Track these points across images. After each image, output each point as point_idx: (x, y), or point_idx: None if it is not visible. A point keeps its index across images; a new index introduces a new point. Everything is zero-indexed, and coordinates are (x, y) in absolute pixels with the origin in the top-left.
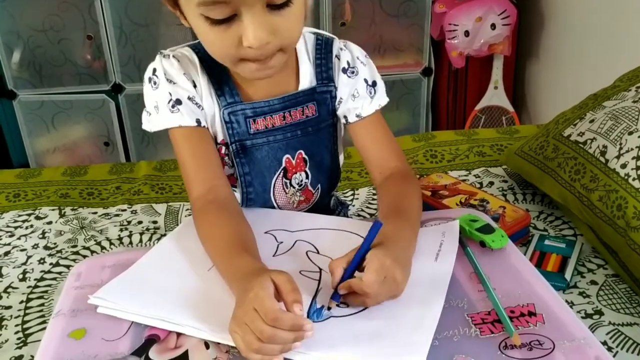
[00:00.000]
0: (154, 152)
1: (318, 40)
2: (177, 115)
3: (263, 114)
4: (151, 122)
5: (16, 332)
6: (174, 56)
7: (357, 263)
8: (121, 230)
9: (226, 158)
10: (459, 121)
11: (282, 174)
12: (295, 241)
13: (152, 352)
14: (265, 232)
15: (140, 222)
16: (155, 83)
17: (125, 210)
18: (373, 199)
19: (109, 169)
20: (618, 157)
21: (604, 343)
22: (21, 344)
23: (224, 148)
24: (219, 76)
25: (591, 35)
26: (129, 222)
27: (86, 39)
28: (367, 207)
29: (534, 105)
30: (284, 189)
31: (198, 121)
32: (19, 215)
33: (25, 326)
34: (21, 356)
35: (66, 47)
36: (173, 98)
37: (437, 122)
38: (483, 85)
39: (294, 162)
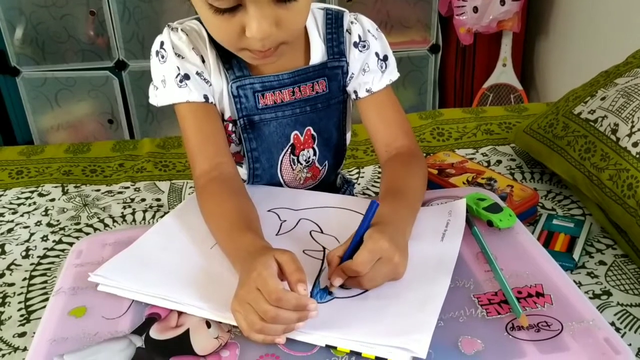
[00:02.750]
0: (158, 129)
1: (328, 15)
2: (184, 90)
3: (272, 89)
4: (158, 97)
5: (19, 309)
6: (182, 30)
7: (354, 247)
8: (124, 207)
9: (233, 135)
10: (466, 99)
11: (289, 150)
12: (299, 220)
13: (153, 331)
14: (269, 211)
15: (143, 200)
16: (162, 57)
17: (128, 187)
18: (379, 177)
19: (112, 146)
20: (630, 135)
21: (612, 324)
22: (24, 321)
23: (230, 125)
24: (228, 50)
25: (602, 10)
26: (132, 200)
27: (89, 14)
28: (373, 186)
29: (542, 83)
30: (291, 165)
31: (206, 97)
32: (22, 193)
33: (28, 303)
34: (24, 333)
35: (69, 23)
36: (181, 72)
37: (444, 100)
38: (491, 63)
39: (302, 138)
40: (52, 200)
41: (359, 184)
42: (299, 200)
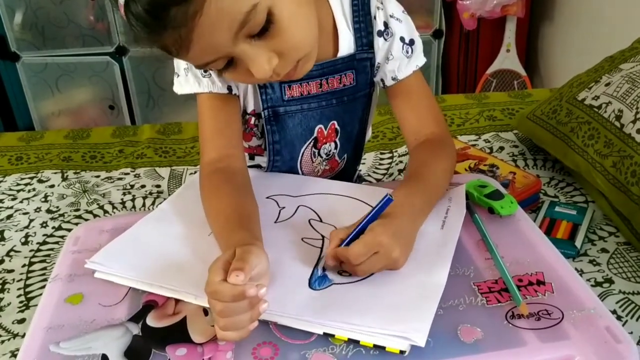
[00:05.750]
0: (159, 115)
1: (354, 0)
2: (207, 80)
3: (299, 80)
4: (182, 85)
5: (18, 296)
6: None
7: (356, 235)
8: (124, 194)
9: (255, 129)
10: (469, 85)
11: (312, 143)
12: (298, 207)
13: (150, 318)
14: (267, 197)
15: (143, 186)
16: None
17: (128, 173)
18: (380, 164)
19: (112, 132)
20: (634, 121)
21: (614, 312)
22: (23, 307)
23: (253, 118)
24: None
25: None
26: (132, 186)
27: None
28: (374, 172)
29: (546, 69)
30: (311, 158)
31: (229, 88)
32: (22, 179)
33: (27, 289)
34: (23, 319)
35: (69, 8)
36: None
37: (447, 86)
38: (495, 48)
39: (325, 132)
40: (52, 186)
41: (360, 170)
42: (298, 186)
